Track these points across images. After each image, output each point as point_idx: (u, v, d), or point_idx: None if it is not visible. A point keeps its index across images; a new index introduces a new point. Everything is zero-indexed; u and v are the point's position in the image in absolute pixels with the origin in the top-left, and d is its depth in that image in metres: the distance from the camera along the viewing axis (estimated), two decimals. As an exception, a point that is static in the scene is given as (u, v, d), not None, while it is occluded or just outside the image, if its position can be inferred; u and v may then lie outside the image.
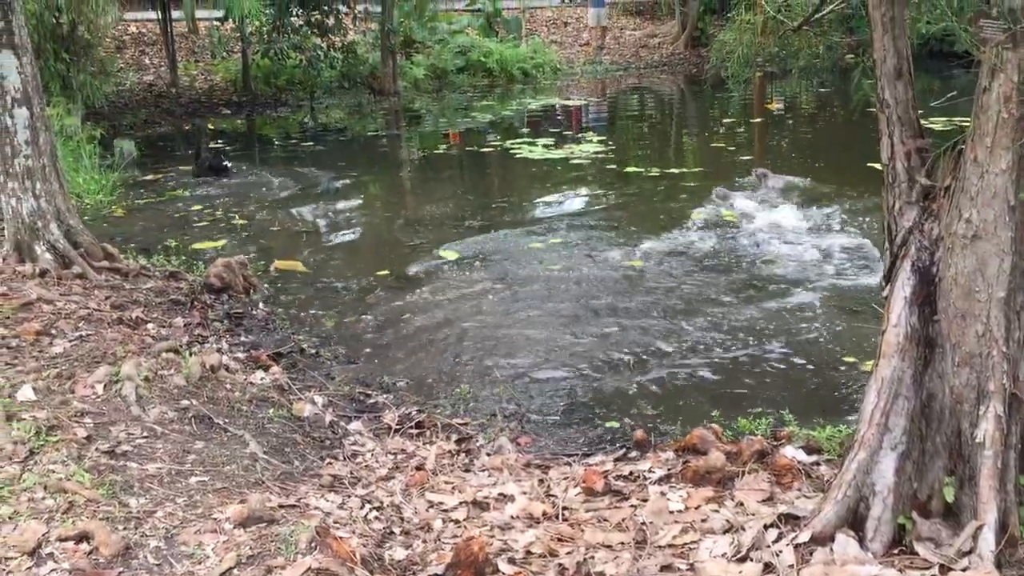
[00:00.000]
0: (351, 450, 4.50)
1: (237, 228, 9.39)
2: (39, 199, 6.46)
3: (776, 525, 3.36)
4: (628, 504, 3.74)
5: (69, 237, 6.61)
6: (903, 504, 3.24)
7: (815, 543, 3.19)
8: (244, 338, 6.18)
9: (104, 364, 4.83)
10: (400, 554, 3.39)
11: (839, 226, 8.74)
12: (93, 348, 5.13)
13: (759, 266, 7.72)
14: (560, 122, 17.29)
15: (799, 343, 6.05)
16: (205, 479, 3.87)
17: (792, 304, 6.75)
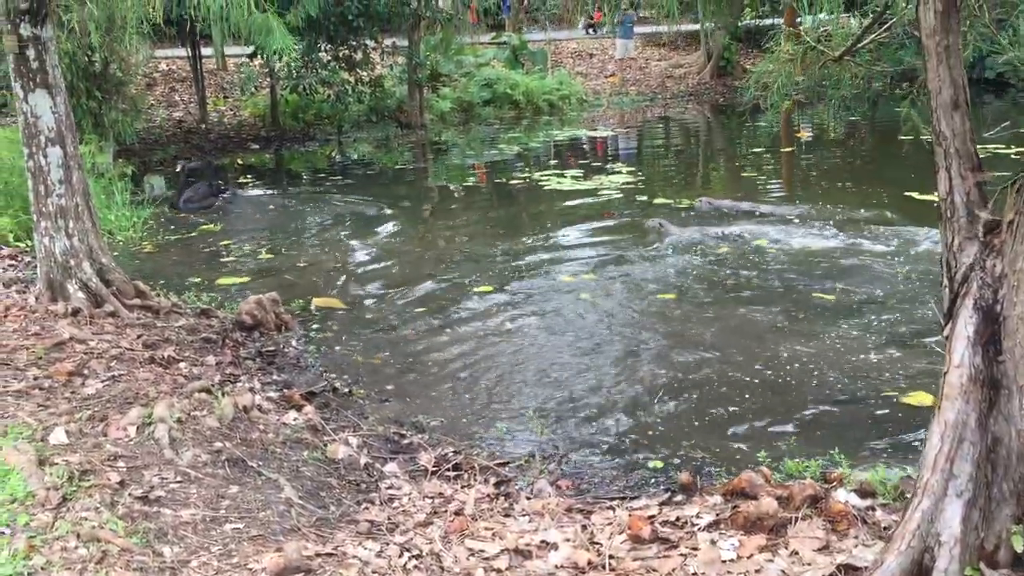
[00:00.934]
0: (387, 494, 4.39)
1: (266, 263, 9.37)
2: (72, 238, 6.45)
3: (835, 576, 3.21)
4: (677, 553, 3.59)
5: (101, 275, 6.59)
6: (970, 554, 3.08)
7: (878, 596, 3.03)
8: (276, 377, 6.11)
9: (136, 405, 4.76)
10: (442, 606, 3.27)
11: (874, 254, 8.57)
12: (125, 388, 5.07)
13: (797, 296, 7.56)
14: (588, 153, 17.25)
15: (842, 376, 5.89)
16: (240, 526, 3.77)
17: (832, 335, 6.59)
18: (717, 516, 3.88)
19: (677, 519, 3.94)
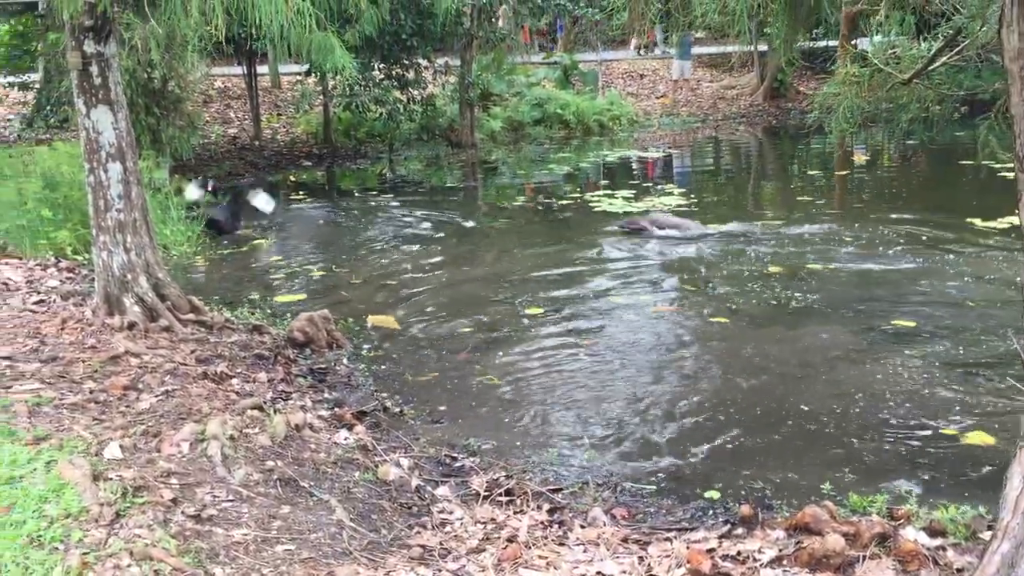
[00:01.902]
0: (439, 518, 4.31)
1: (318, 280, 9.40)
2: (129, 252, 6.50)
3: (907, 620, 3.07)
4: (739, 589, 3.48)
5: (157, 290, 6.64)
6: (1052, 602, 2.93)
7: (955, 643, 2.89)
8: (327, 395, 6.08)
9: (190, 421, 4.75)
10: (496, 638, 3.19)
11: (940, 280, 8.35)
12: (179, 404, 5.07)
13: (856, 322, 7.36)
14: (639, 174, 17.14)
15: (906, 406, 5.70)
16: (291, 548, 3.73)
17: (896, 364, 6.39)
18: (780, 552, 3.75)
19: (738, 553, 3.81)
